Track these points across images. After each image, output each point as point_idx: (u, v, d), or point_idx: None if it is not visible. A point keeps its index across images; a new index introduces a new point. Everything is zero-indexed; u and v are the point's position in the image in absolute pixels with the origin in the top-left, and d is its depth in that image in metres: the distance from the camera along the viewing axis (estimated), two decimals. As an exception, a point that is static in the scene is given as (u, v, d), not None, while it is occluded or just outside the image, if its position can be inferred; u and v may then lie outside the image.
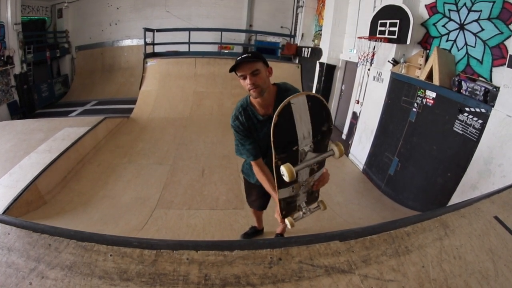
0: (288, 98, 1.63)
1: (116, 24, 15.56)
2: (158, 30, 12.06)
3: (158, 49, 12.08)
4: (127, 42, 15.66)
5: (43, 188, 5.42)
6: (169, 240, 1.44)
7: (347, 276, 1.37)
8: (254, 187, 3.01)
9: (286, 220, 2.12)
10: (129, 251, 1.39)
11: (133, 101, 10.72)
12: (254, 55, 2.16)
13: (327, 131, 1.82)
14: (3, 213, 4.57)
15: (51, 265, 1.35)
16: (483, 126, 4.22)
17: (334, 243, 1.48)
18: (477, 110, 4.31)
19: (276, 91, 2.33)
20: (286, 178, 1.64)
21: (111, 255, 1.38)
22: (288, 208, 2.16)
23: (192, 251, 1.36)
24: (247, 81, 2.13)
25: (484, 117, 4.20)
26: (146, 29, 11.48)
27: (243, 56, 2.15)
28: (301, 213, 2.17)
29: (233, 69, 2.16)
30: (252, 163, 2.46)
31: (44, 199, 5.35)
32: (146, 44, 11.46)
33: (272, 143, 1.73)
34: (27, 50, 12.00)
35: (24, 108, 11.61)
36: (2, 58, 10.73)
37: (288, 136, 1.71)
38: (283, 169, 1.64)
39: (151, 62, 11.19)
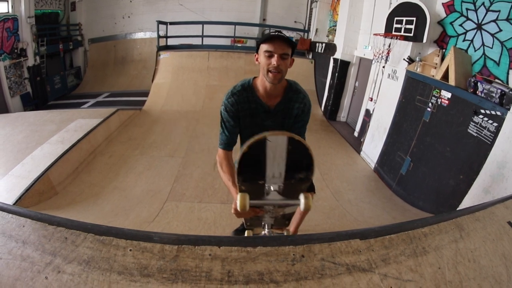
0: (265, 134, 1.48)
1: (129, 17, 15.60)
2: (171, 23, 12.10)
3: (171, 42, 12.12)
4: (140, 35, 15.70)
5: (55, 178, 5.49)
6: (190, 235, 1.42)
7: (368, 275, 1.37)
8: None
9: (246, 232, 2.20)
10: (149, 246, 1.38)
11: (146, 94, 10.78)
12: (290, 39, 2.03)
13: (305, 179, 1.63)
14: (15, 203, 4.64)
15: (68, 259, 1.33)
16: (498, 129, 4.15)
17: (354, 241, 1.48)
18: (493, 112, 4.25)
19: (286, 86, 2.20)
20: (238, 206, 1.59)
21: (130, 250, 1.37)
22: (252, 221, 2.12)
23: (214, 246, 1.35)
24: (273, 60, 1.97)
25: (500, 120, 4.14)
26: (160, 22, 11.51)
27: (279, 33, 2.01)
28: (263, 232, 2.10)
29: (264, 41, 2.02)
30: (220, 151, 2.27)
31: (55, 190, 5.42)
32: (159, 37, 11.49)
33: (236, 169, 1.60)
34: (40, 43, 12.08)
35: (37, 100, 11.71)
36: (16, 50, 10.83)
37: (256, 169, 1.58)
38: (238, 197, 1.59)
39: (164, 55, 11.22)
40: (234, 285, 1.26)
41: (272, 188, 1.62)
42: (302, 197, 1.58)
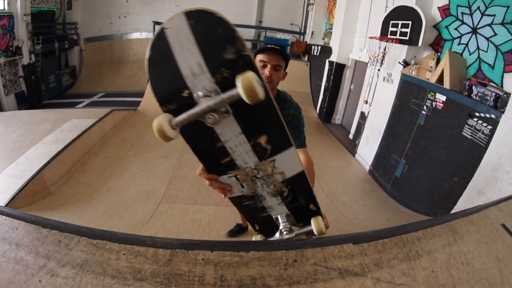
0: (162, 24, 1.04)
1: (125, 17, 15.59)
2: (168, 24, 12.05)
3: (167, 42, 12.08)
4: (135, 35, 15.69)
5: (48, 179, 5.46)
6: (184, 240, 1.41)
7: (360, 279, 1.37)
8: None
9: (254, 237, 1.66)
10: (142, 250, 1.37)
11: (141, 94, 10.72)
12: (285, 52, 2.09)
13: (238, 59, 1.05)
14: (8, 202, 4.61)
15: (62, 262, 1.31)
16: (492, 132, 4.20)
17: (347, 246, 1.47)
18: (487, 115, 4.29)
19: (275, 96, 2.22)
20: (154, 130, 1.08)
21: (124, 254, 1.35)
22: (264, 224, 1.56)
23: (207, 251, 1.35)
24: (266, 71, 2.02)
25: (494, 123, 4.18)
26: (156, 23, 11.49)
27: (274, 46, 2.07)
28: (277, 233, 1.52)
29: (259, 52, 2.07)
30: None
31: (49, 190, 5.39)
32: (155, 37, 11.47)
33: (151, 89, 1.16)
34: (35, 41, 12.05)
35: (32, 99, 11.68)
36: (11, 48, 10.81)
37: (171, 75, 1.10)
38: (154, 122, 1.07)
39: (160, 56, 11.17)
40: (226, 290, 1.26)
41: (201, 94, 1.09)
42: (239, 80, 0.98)
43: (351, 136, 8.81)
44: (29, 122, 7.42)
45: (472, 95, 4.60)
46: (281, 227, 1.50)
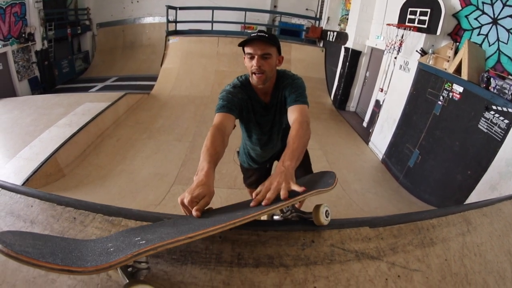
0: None
1: (137, 1, 15.48)
2: (181, 8, 11.98)
3: (180, 27, 12.04)
4: (148, 20, 15.59)
5: (62, 161, 5.55)
6: None
7: (376, 263, 1.38)
8: (253, 170, 2.84)
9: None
10: None
11: (154, 78, 10.78)
12: (271, 36, 1.91)
13: None
14: (23, 184, 4.69)
15: (76, 239, 1.31)
16: (508, 126, 4.11)
17: (364, 229, 1.48)
18: (504, 109, 4.20)
19: (276, 78, 2.08)
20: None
21: None
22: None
23: (225, 229, 1.36)
24: (254, 62, 1.88)
25: (511, 117, 4.10)
26: (169, 7, 11.43)
27: (258, 33, 1.89)
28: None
29: (242, 44, 1.93)
30: (216, 117, 1.98)
31: (63, 172, 5.48)
32: (168, 21, 11.43)
33: None
34: (48, 27, 12.07)
35: (45, 84, 11.78)
36: (24, 35, 10.86)
37: None
38: None
39: (173, 40, 11.18)
40: (244, 268, 1.26)
41: None
42: None
43: (365, 124, 8.74)
44: (43, 107, 7.53)
45: (490, 88, 4.51)
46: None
